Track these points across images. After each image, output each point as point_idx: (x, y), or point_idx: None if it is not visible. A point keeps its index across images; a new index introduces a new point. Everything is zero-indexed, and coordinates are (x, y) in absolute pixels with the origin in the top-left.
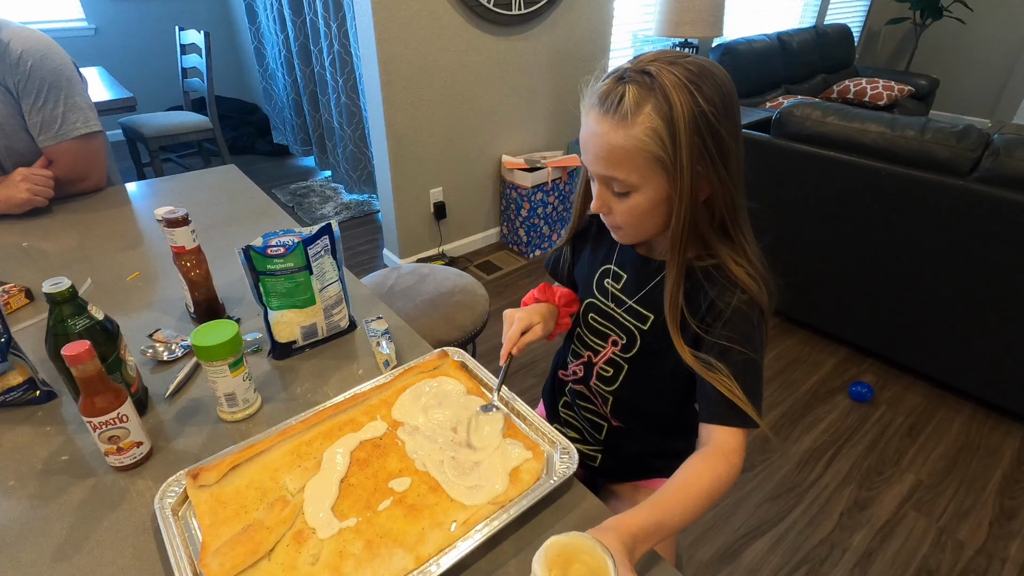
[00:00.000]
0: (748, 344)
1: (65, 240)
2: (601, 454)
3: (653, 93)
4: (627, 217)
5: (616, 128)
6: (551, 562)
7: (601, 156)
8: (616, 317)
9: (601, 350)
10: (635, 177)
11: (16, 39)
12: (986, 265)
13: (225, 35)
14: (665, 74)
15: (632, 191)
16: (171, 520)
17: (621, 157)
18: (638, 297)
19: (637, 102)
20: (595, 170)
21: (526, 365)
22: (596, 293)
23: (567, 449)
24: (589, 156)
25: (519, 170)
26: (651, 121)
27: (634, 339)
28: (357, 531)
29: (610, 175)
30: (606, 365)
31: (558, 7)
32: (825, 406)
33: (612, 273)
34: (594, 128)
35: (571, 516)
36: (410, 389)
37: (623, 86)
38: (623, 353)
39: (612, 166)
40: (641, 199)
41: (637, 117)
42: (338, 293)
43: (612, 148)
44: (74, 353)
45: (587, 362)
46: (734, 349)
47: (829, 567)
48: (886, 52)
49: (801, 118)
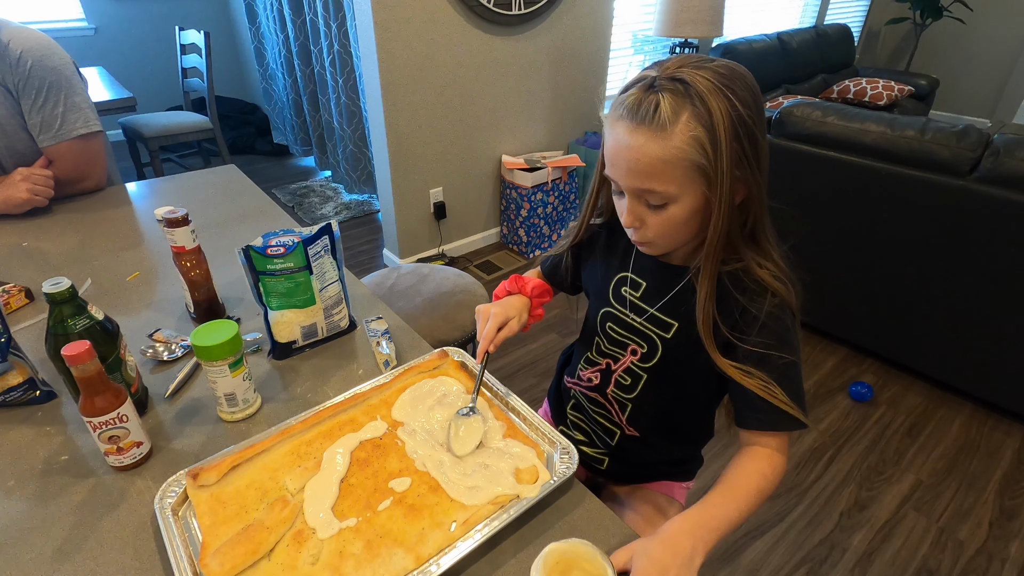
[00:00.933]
0: (786, 348)
1: (65, 240)
2: (608, 458)
3: (689, 100)
4: (662, 229)
5: (653, 139)
6: (550, 570)
7: (637, 170)
8: (636, 326)
9: (620, 358)
10: (674, 188)
11: (16, 39)
12: (986, 265)
13: (225, 35)
14: (699, 79)
15: (670, 202)
16: (171, 520)
17: (660, 169)
18: (660, 305)
19: (674, 110)
20: (629, 184)
21: (526, 365)
22: (613, 302)
23: (567, 449)
24: (620, 171)
25: (519, 170)
26: (691, 129)
27: (655, 348)
28: (357, 531)
29: (647, 188)
30: (624, 374)
31: (558, 7)
32: (825, 406)
33: (630, 281)
34: (627, 140)
35: (571, 516)
36: (410, 389)
37: (655, 95)
38: (642, 363)
39: (650, 179)
40: (678, 210)
41: (676, 127)
42: (338, 293)
43: (651, 160)
44: (74, 353)
45: (605, 370)
46: (773, 355)
47: (829, 567)
48: (886, 52)
49: (801, 118)
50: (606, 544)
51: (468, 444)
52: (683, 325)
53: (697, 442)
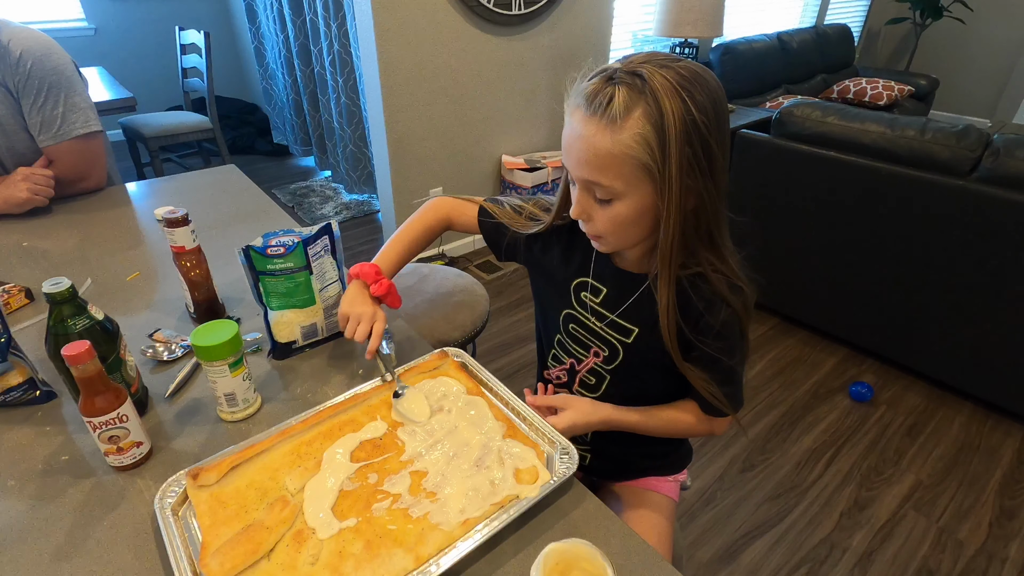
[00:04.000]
0: (735, 355)
1: (65, 240)
2: (589, 454)
3: (644, 97)
4: (608, 226)
5: (603, 131)
6: (550, 570)
7: (584, 160)
8: (597, 331)
9: (584, 359)
10: (620, 184)
11: (16, 39)
12: (986, 265)
13: (225, 35)
14: (657, 77)
15: (615, 199)
16: (171, 520)
17: (607, 163)
18: (620, 311)
19: (627, 105)
20: (577, 174)
21: (527, 365)
22: (575, 305)
23: (567, 449)
24: (572, 159)
25: (519, 170)
26: (640, 127)
27: (616, 352)
28: (357, 531)
29: (593, 180)
30: (588, 374)
31: (558, 7)
32: (825, 406)
33: (590, 287)
34: (579, 130)
35: (571, 516)
36: (410, 389)
37: (612, 87)
38: (605, 364)
39: (596, 171)
40: (624, 208)
41: (626, 122)
42: (338, 293)
43: (597, 152)
44: (74, 353)
45: (570, 369)
46: (722, 360)
47: (829, 567)
48: (886, 52)
49: (801, 118)
50: (606, 544)
51: (423, 410)
52: (643, 331)
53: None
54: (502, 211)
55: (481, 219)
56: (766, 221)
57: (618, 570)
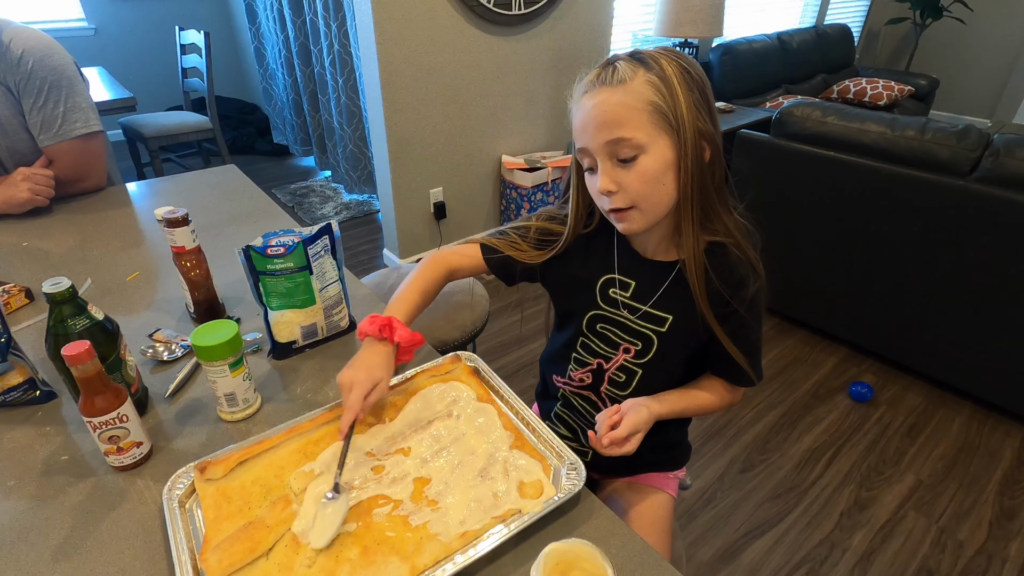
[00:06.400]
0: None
1: (65, 240)
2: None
3: (644, 63)
4: (639, 185)
5: (614, 92)
6: (550, 570)
7: (603, 122)
8: (630, 325)
9: (612, 357)
10: (641, 135)
11: (17, 39)
12: (986, 265)
13: (225, 35)
14: (653, 54)
15: (639, 153)
16: (177, 512)
17: (624, 115)
18: (653, 301)
19: (631, 69)
20: (599, 140)
21: (526, 365)
22: (603, 304)
23: (575, 464)
24: (589, 133)
25: (519, 170)
26: (647, 79)
27: (650, 344)
28: (355, 536)
29: (615, 137)
30: (618, 371)
31: (558, 7)
32: (825, 406)
33: (618, 282)
34: (589, 105)
35: (571, 516)
36: (420, 394)
37: (612, 64)
38: (637, 359)
39: (616, 127)
40: (650, 161)
41: (633, 80)
42: (338, 293)
43: (614, 108)
44: (74, 353)
45: (596, 369)
46: (754, 329)
47: (829, 567)
48: (886, 52)
49: (801, 118)
50: (606, 544)
51: (325, 534)
52: (677, 317)
53: (681, 425)
54: (506, 242)
55: (486, 256)
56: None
57: (618, 570)
